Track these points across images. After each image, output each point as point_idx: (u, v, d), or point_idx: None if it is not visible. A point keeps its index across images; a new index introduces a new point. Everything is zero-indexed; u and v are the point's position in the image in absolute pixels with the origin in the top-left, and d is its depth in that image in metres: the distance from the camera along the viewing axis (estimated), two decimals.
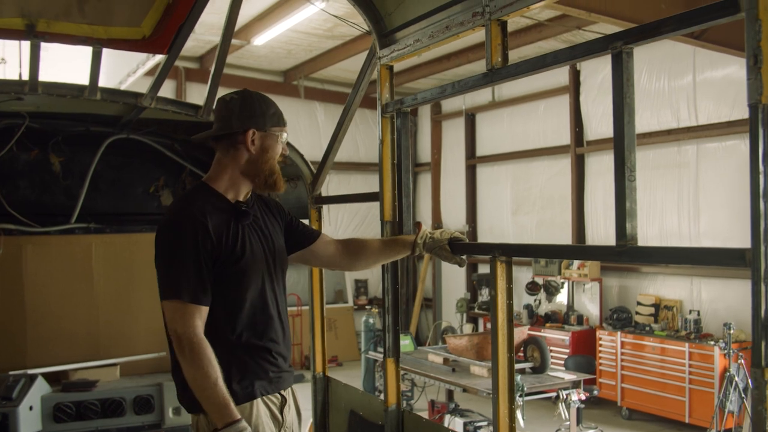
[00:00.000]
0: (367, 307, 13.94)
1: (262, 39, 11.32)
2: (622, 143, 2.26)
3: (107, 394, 4.72)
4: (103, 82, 4.12)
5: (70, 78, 4.34)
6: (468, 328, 13.00)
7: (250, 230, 3.12)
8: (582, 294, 11.70)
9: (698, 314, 9.93)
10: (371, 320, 11.35)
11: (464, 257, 3.32)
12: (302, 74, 13.83)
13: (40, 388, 4.59)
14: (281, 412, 3.13)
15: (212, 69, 4.09)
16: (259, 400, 3.02)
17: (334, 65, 12.84)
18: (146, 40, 3.90)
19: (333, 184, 13.91)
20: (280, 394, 3.13)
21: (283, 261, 3.28)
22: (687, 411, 9.36)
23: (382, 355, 3.80)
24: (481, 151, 14.24)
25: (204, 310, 2.90)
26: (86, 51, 3.93)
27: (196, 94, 12.76)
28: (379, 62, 3.66)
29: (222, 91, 4.16)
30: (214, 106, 3.41)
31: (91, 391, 4.72)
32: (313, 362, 4.51)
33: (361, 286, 15.17)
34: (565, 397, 7.80)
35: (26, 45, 3.82)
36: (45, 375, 4.73)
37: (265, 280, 3.14)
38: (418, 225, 3.61)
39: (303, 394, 3.51)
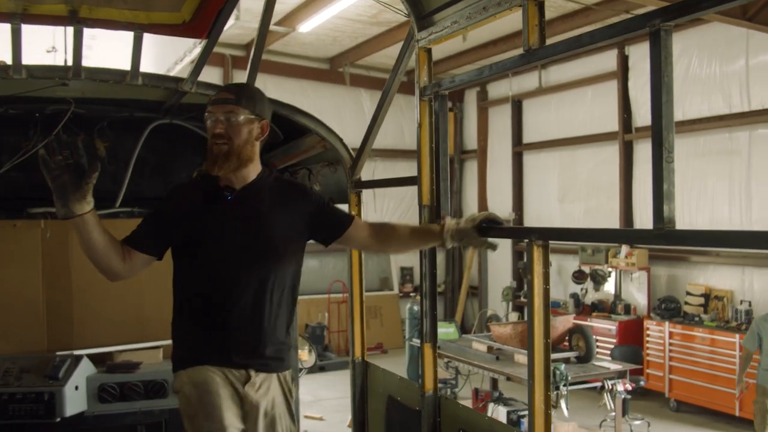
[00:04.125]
0: (411, 294, 13.94)
1: (307, 26, 11.35)
2: (660, 123, 2.20)
3: (150, 375, 4.79)
4: (151, 70, 4.19)
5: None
6: (513, 316, 12.93)
7: (225, 213, 3.26)
8: (629, 283, 11.53)
9: (749, 305, 9.72)
10: (416, 308, 11.34)
11: (496, 241, 3.30)
12: (348, 61, 13.85)
13: (86, 369, 4.68)
14: (244, 387, 3.20)
15: (252, 53, 4.11)
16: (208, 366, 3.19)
17: (379, 52, 12.84)
18: (186, 25, 3.93)
19: (378, 171, 13.89)
20: (245, 371, 3.21)
21: (273, 248, 3.27)
22: (737, 404, 9.17)
23: None
24: (527, 138, 14.10)
25: (129, 250, 3.26)
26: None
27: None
28: (417, 45, 3.63)
29: (269, 78, 4.21)
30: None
31: (134, 372, 4.80)
32: (352, 347, 4.52)
33: (406, 274, 15.16)
34: (610, 387, 7.71)
35: (71, 31, 3.90)
36: (90, 356, 4.81)
37: (231, 262, 3.24)
38: (442, 217, 3.59)
39: (343, 380, 3.54)
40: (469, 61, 12.99)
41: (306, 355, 6.31)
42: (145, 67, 4.22)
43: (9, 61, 3.89)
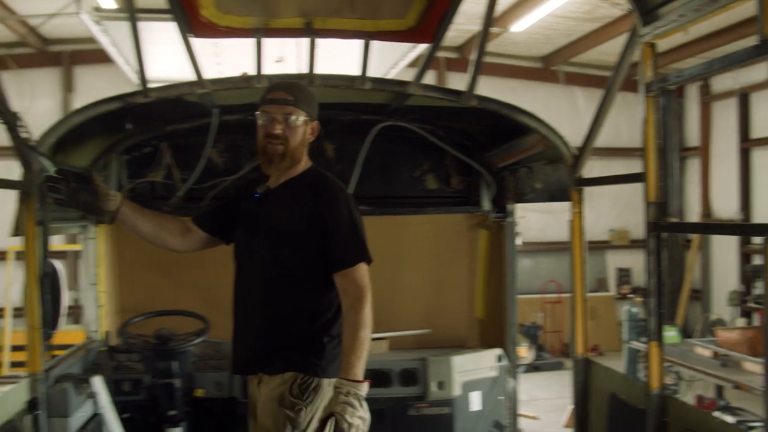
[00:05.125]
0: (629, 296, 13.48)
1: (520, 26, 11.32)
2: None
3: (376, 365, 4.99)
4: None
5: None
6: (741, 322, 12.12)
7: (250, 210, 3.42)
8: None
9: None
10: (634, 309, 10.97)
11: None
12: (561, 59, 13.63)
13: None
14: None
15: (473, 54, 4.19)
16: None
17: (593, 48, 12.53)
18: (411, 31, 4.10)
19: (594, 170, 13.57)
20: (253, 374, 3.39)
21: (276, 242, 3.31)
22: None
23: (644, 345, 3.71)
24: (756, 133, 13.16)
25: (190, 226, 3.63)
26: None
27: (456, 83, 13.06)
28: (641, 40, 3.57)
29: (482, 79, 4.29)
30: None
31: None
32: (573, 344, 4.49)
33: (624, 275, 14.69)
34: None
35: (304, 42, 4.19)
36: None
37: (244, 257, 3.42)
38: None
39: (558, 380, 3.53)
40: (689, 55, 12.33)
41: (525, 351, 6.33)
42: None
43: (251, 72, 4.27)
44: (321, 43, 4.14)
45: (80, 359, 4.76)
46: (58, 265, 4.29)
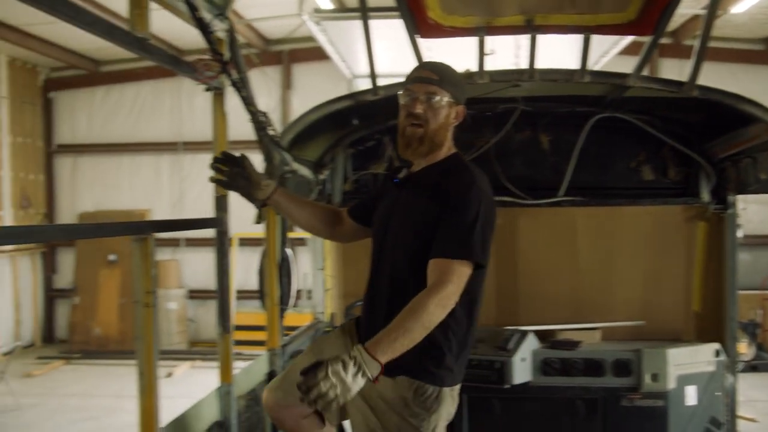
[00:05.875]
0: None
1: (741, 6, 10.76)
2: None
3: (589, 354, 5.07)
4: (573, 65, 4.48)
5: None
6: None
7: (387, 198, 3.35)
8: None
9: None
10: None
11: None
12: None
13: (531, 343, 5.10)
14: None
15: (696, 43, 4.13)
16: None
17: None
18: (632, 24, 4.11)
19: None
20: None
21: (405, 235, 3.16)
22: None
23: None
24: None
25: (344, 214, 3.70)
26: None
27: (669, 70, 12.62)
28: None
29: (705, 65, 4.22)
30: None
31: (574, 350, 5.12)
32: None
33: None
34: None
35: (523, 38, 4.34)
36: (535, 332, 5.24)
37: (376, 245, 3.32)
38: None
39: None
40: None
41: (745, 348, 6.09)
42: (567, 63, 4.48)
43: (473, 68, 4.47)
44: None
45: (309, 338, 5.20)
46: (289, 252, 4.73)
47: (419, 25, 4.14)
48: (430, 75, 3.13)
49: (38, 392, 11.21)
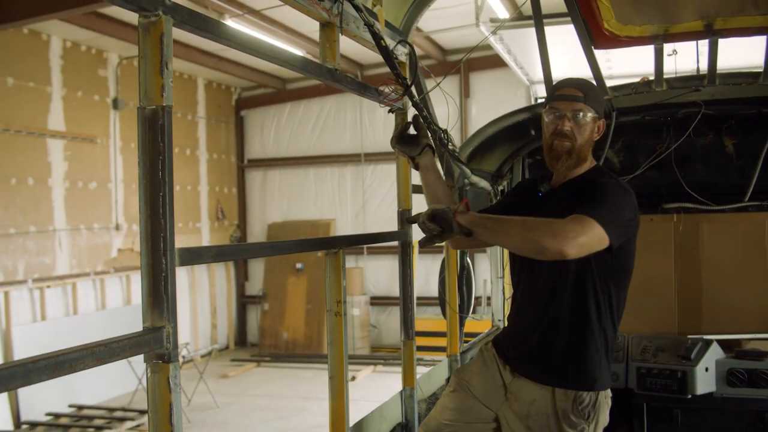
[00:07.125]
0: None
1: None
2: None
3: None
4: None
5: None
6: None
7: (535, 206, 3.28)
8: None
9: None
10: None
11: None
12: None
13: (715, 353, 4.95)
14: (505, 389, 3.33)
15: None
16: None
17: None
18: None
19: None
20: (511, 375, 3.30)
21: None
22: None
23: None
24: None
25: None
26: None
27: None
28: None
29: None
30: None
31: (763, 360, 4.92)
32: None
33: None
34: None
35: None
36: (718, 341, 5.09)
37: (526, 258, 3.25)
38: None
39: None
40: None
41: None
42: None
43: (650, 76, 4.47)
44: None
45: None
46: (468, 261, 4.90)
47: (595, 36, 4.19)
48: (575, 93, 3.20)
49: (233, 392, 12.05)
